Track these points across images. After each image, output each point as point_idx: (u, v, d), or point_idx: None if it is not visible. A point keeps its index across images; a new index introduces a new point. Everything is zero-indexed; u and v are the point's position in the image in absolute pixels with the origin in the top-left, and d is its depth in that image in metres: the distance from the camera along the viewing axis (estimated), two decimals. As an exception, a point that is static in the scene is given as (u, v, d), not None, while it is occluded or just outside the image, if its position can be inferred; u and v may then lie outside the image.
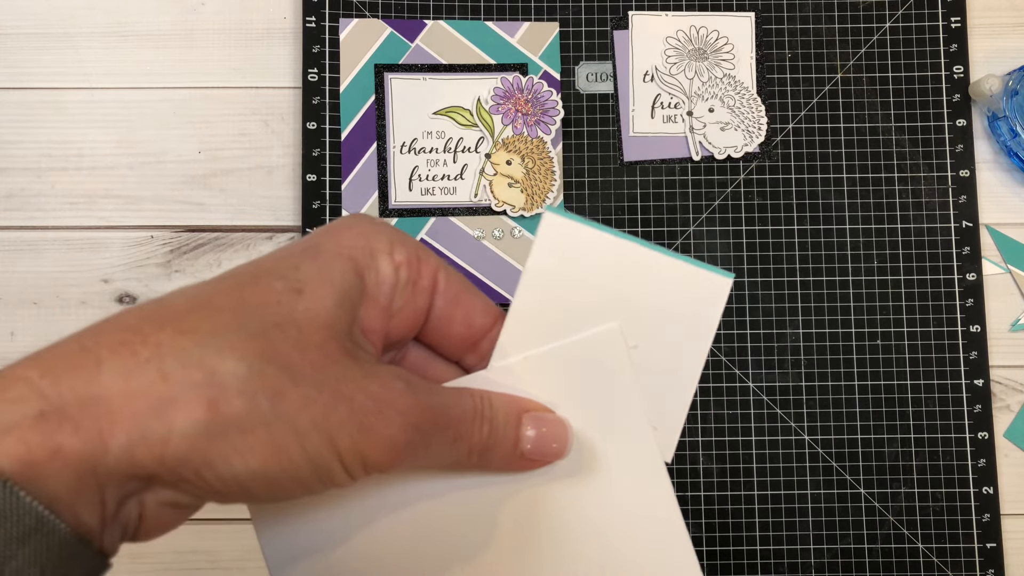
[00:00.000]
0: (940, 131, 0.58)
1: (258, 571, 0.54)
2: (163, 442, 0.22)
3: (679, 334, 0.29)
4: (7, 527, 0.20)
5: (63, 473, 0.21)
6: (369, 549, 0.29)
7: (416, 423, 0.25)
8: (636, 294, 0.29)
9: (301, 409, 0.23)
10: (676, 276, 0.29)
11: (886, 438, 0.56)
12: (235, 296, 0.24)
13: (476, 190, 0.57)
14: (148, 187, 0.57)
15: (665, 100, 0.58)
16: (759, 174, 0.58)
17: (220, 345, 0.23)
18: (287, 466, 0.23)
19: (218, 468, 0.23)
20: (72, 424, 0.21)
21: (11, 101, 0.57)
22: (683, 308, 0.29)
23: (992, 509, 0.55)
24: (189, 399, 0.22)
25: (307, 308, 0.25)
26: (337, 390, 0.24)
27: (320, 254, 0.26)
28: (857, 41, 0.59)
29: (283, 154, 0.58)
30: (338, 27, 0.58)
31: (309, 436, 0.23)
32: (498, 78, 0.58)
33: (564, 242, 0.29)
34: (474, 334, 0.30)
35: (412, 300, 0.28)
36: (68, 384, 0.22)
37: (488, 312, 0.30)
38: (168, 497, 0.24)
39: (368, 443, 0.24)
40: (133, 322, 0.23)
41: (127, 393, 0.22)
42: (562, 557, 0.29)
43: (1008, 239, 0.58)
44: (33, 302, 0.56)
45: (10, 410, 0.21)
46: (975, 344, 0.56)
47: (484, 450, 0.28)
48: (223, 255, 0.56)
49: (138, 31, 0.58)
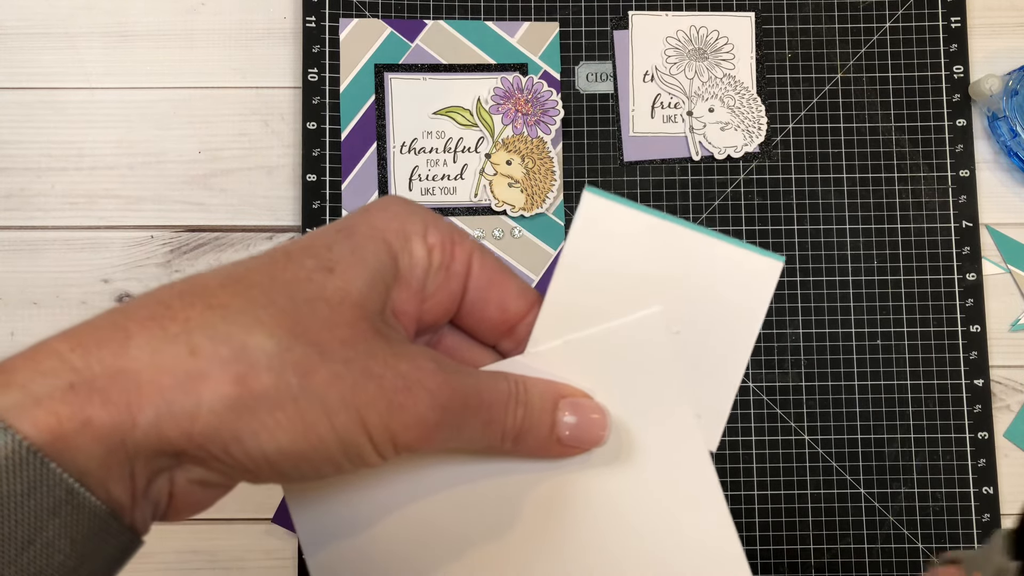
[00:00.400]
0: (940, 131, 0.58)
1: (258, 571, 0.54)
2: (191, 417, 0.22)
3: (725, 319, 0.28)
4: (38, 498, 0.21)
5: (92, 446, 0.21)
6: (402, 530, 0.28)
7: (445, 403, 0.25)
8: (679, 277, 0.28)
9: (330, 386, 0.23)
10: (723, 259, 0.28)
11: (886, 438, 0.56)
12: (266, 273, 0.24)
13: (476, 190, 0.57)
14: (148, 187, 0.57)
15: (665, 100, 0.58)
16: (759, 174, 0.58)
17: (249, 321, 0.23)
18: (316, 443, 0.23)
19: (247, 444, 0.22)
20: (101, 397, 0.21)
21: (11, 101, 0.57)
22: (730, 292, 0.28)
23: (992, 509, 0.55)
24: (217, 374, 0.22)
25: (338, 287, 0.24)
26: (366, 368, 0.24)
27: (353, 235, 0.26)
28: (857, 41, 0.59)
29: (283, 154, 0.58)
30: (338, 27, 0.58)
31: (338, 413, 0.23)
32: (498, 78, 0.58)
33: (604, 223, 0.28)
34: (510, 318, 0.29)
35: (446, 283, 0.28)
36: (97, 357, 0.22)
37: (524, 296, 0.29)
38: (198, 475, 0.23)
39: (397, 421, 0.24)
40: (164, 298, 0.23)
41: (155, 367, 0.22)
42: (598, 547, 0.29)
43: (1008, 239, 0.58)
44: (33, 302, 0.56)
45: (41, 382, 0.21)
46: (975, 344, 0.56)
47: (518, 435, 0.27)
48: (223, 255, 0.56)
49: (138, 31, 0.58)
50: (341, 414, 0.23)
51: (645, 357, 0.28)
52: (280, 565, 0.54)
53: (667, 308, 0.28)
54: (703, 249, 0.28)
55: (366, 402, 0.23)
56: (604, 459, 0.29)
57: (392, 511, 0.28)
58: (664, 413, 0.28)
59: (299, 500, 0.28)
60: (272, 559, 0.54)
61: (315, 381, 0.23)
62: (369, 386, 0.23)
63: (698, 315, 0.28)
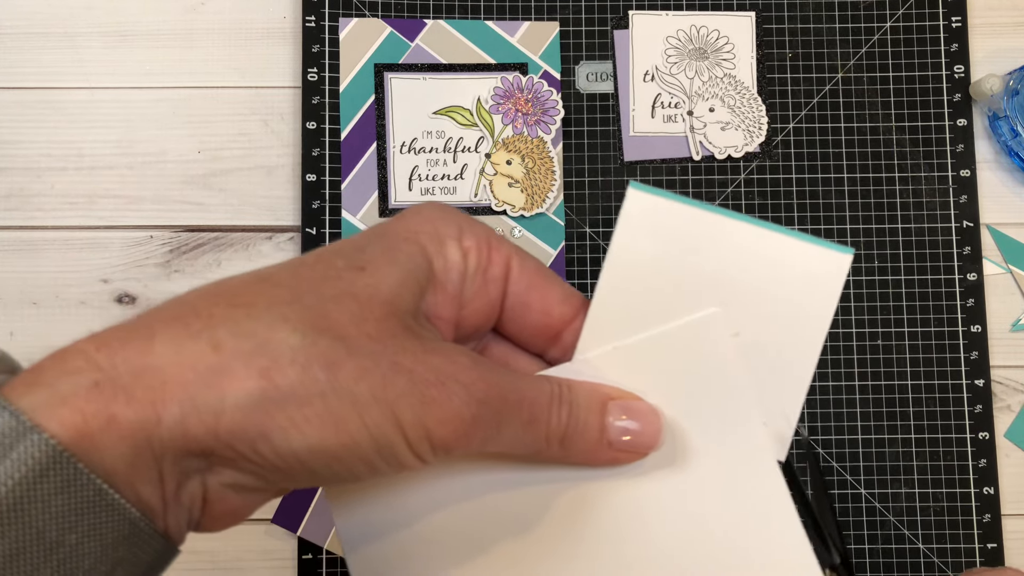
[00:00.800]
0: (940, 131, 0.58)
1: (258, 571, 0.54)
2: (216, 413, 0.21)
3: (789, 318, 0.26)
4: (66, 499, 0.20)
5: (119, 445, 0.21)
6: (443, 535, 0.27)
7: (482, 397, 0.24)
8: (737, 275, 0.26)
9: (358, 380, 0.22)
10: (784, 253, 0.26)
11: (886, 438, 0.56)
12: (294, 273, 0.24)
13: (476, 190, 0.57)
14: (148, 187, 0.57)
15: (665, 100, 0.58)
16: (759, 174, 0.58)
17: (273, 317, 0.22)
18: (347, 441, 0.22)
19: (275, 442, 0.22)
20: (126, 394, 0.21)
21: (11, 101, 0.57)
22: (794, 289, 0.26)
23: (993, 509, 0.55)
24: (241, 369, 0.21)
25: (367, 283, 0.24)
26: (395, 362, 0.23)
27: (386, 237, 0.26)
28: (857, 41, 0.59)
29: (283, 154, 0.58)
30: (338, 27, 0.58)
31: (369, 408, 0.22)
32: (498, 78, 0.57)
33: (651, 220, 0.26)
34: (554, 324, 0.28)
35: (483, 288, 0.27)
36: (122, 356, 0.21)
37: (569, 301, 0.28)
38: (230, 478, 0.23)
39: (432, 417, 0.23)
40: (190, 299, 0.23)
41: (178, 363, 0.21)
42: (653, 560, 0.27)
43: (1008, 239, 0.57)
44: (32, 302, 0.56)
45: (66, 381, 0.21)
46: (976, 344, 0.56)
47: (564, 437, 0.26)
48: (223, 255, 0.56)
49: (138, 31, 0.58)
50: (372, 409, 0.22)
51: (703, 362, 0.26)
52: (280, 565, 0.54)
53: (725, 308, 0.26)
54: (761, 243, 0.26)
55: (397, 396, 0.22)
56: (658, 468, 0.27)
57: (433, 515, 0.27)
58: (726, 421, 0.27)
59: (339, 500, 0.28)
60: (272, 559, 0.54)
61: (342, 375, 0.22)
62: (399, 380, 0.23)
63: (759, 315, 0.26)
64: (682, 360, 0.27)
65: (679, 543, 0.27)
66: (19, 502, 0.20)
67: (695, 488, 0.27)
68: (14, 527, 0.20)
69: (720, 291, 0.26)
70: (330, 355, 0.22)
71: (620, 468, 0.27)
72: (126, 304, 0.56)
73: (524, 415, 0.25)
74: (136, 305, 0.56)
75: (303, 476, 0.23)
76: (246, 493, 0.24)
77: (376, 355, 0.23)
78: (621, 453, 0.27)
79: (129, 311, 0.56)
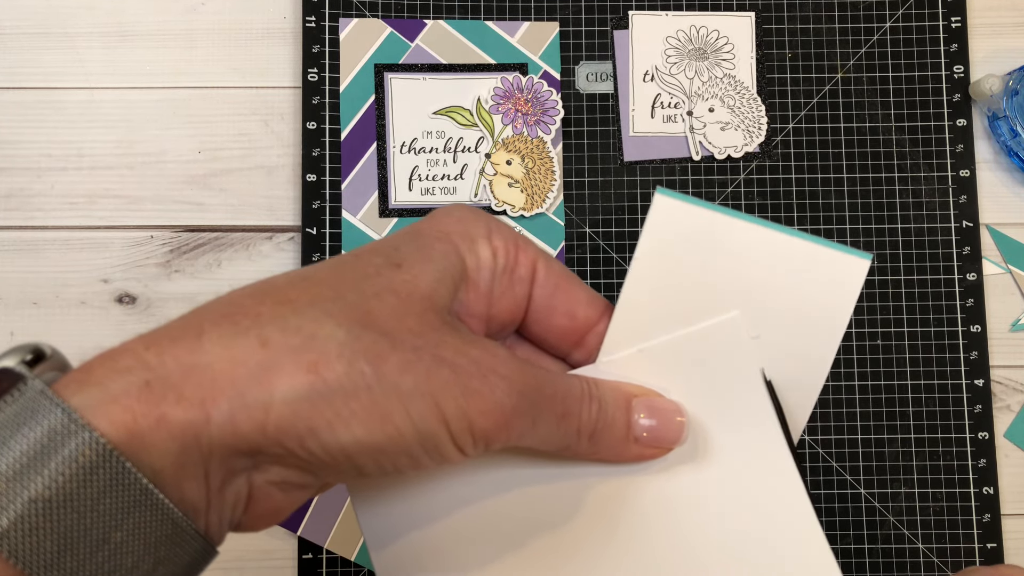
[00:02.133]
0: (940, 131, 0.58)
1: (258, 571, 0.54)
2: (265, 408, 0.22)
3: (807, 322, 0.27)
4: (113, 497, 0.21)
5: (167, 443, 0.21)
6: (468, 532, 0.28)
7: (522, 389, 0.24)
8: (757, 279, 0.27)
9: (403, 373, 0.23)
10: (804, 258, 0.27)
11: (886, 438, 0.56)
12: (334, 271, 0.25)
13: (476, 190, 0.57)
14: (148, 187, 0.57)
15: (665, 100, 0.58)
16: (759, 174, 0.58)
17: (318, 313, 0.23)
18: (392, 433, 0.22)
19: (322, 436, 0.22)
20: (176, 393, 0.21)
21: (11, 101, 0.57)
22: (812, 293, 0.27)
23: (992, 509, 0.55)
24: (289, 364, 0.22)
25: (405, 280, 0.25)
26: (437, 355, 0.23)
27: (420, 236, 0.26)
28: (857, 41, 0.59)
29: (283, 154, 0.58)
30: (338, 27, 0.58)
31: (413, 400, 0.22)
32: (498, 78, 0.57)
33: (676, 225, 0.27)
34: (578, 327, 0.28)
35: (510, 288, 0.27)
36: (172, 354, 0.22)
37: (593, 304, 0.28)
38: (276, 475, 0.23)
39: (474, 407, 0.23)
40: (235, 298, 0.24)
41: (228, 360, 0.22)
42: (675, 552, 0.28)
43: (1008, 239, 0.58)
44: (33, 302, 0.56)
45: (117, 380, 0.21)
46: (975, 344, 0.56)
47: (594, 432, 0.26)
48: (223, 255, 0.56)
49: (138, 31, 0.58)
50: (417, 401, 0.23)
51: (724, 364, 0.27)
52: (280, 565, 0.54)
53: (746, 311, 0.27)
54: (782, 248, 0.27)
55: (440, 388, 0.23)
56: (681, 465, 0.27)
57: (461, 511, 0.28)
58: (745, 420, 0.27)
59: (363, 497, 0.28)
60: (272, 559, 0.54)
61: (387, 368, 0.22)
62: (443, 372, 0.23)
63: (779, 318, 0.27)
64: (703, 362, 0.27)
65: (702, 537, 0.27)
66: (69, 499, 0.20)
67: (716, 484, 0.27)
68: (63, 523, 0.20)
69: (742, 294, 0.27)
70: (375, 349, 0.23)
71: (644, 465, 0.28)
72: (126, 304, 0.56)
73: (558, 409, 0.26)
74: (136, 305, 0.56)
75: (348, 471, 0.23)
76: (291, 490, 0.24)
77: (418, 349, 0.23)
78: (647, 449, 0.27)
79: (129, 311, 0.56)
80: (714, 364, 0.27)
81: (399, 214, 0.56)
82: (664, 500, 0.28)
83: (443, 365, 0.23)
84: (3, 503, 0.20)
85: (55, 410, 0.20)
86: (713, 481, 0.28)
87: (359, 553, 0.53)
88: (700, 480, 0.28)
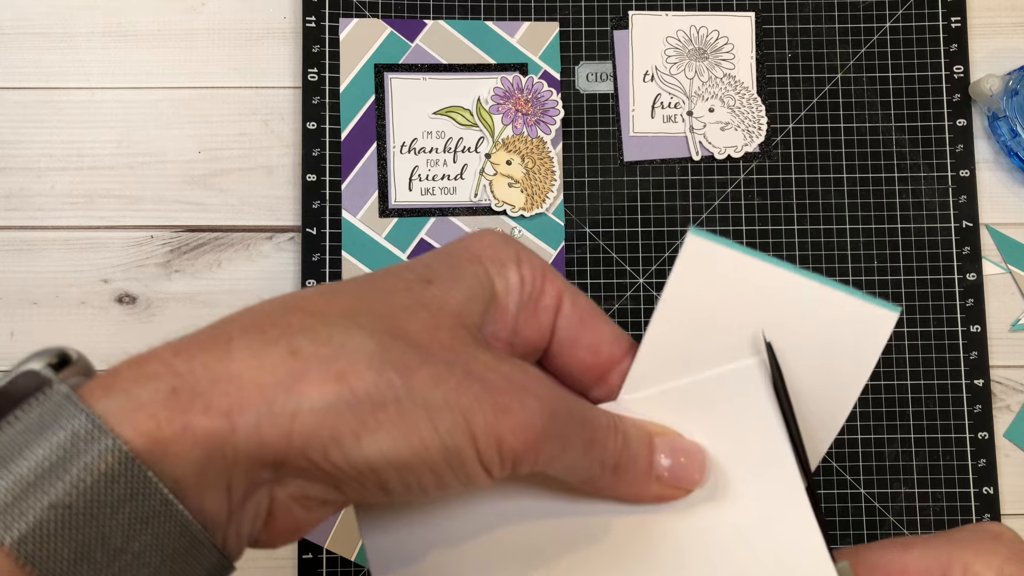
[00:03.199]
0: (940, 131, 0.58)
1: (258, 571, 0.54)
2: (291, 417, 0.21)
3: (830, 369, 0.27)
4: (133, 507, 0.20)
5: (191, 452, 0.21)
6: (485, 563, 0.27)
7: (554, 410, 0.24)
8: (785, 324, 0.27)
9: (433, 386, 0.22)
10: (833, 306, 0.27)
11: (886, 438, 0.56)
12: (366, 285, 0.25)
13: (476, 190, 0.57)
14: (148, 187, 0.57)
15: (665, 100, 0.58)
16: (759, 174, 0.58)
17: (348, 324, 0.23)
18: (418, 447, 0.22)
19: (347, 447, 0.22)
20: (203, 402, 0.21)
21: (11, 101, 0.57)
22: (837, 342, 0.27)
23: (992, 509, 0.55)
24: (318, 373, 0.22)
25: (436, 295, 0.24)
26: (469, 370, 0.23)
27: (452, 256, 0.26)
28: (857, 41, 0.59)
29: (283, 154, 0.58)
30: (338, 27, 0.58)
31: (442, 414, 0.22)
32: (498, 78, 0.58)
33: (707, 266, 0.27)
34: (601, 363, 0.28)
35: (535, 316, 0.27)
36: (201, 361, 0.21)
37: (618, 342, 0.28)
38: (299, 488, 0.23)
39: (504, 425, 0.23)
40: (265, 308, 0.23)
41: (257, 368, 0.21)
42: None
43: (1008, 239, 0.58)
44: (33, 302, 0.56)
45: (144, 386, 0.21)
46: (975, 344, 0.56)
47: (617, 465, 0.26)
48: (223, 255, 0.56)
49: (138, 31, 0.58)
50: (445, 416, 0.22)
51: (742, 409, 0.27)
52: (280, 565, 0.54)
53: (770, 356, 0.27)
54: (812, 295, 0.27)
55: (471, 403, 0.22)
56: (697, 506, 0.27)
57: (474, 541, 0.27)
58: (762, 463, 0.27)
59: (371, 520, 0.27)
60: (272, 559, 0.54)
61: (417, 381, 0.22)
62: (474, 387, 0.23)
63: (802, 364, 0.27)
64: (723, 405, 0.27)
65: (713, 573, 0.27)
66: (88, 506, 0.20)
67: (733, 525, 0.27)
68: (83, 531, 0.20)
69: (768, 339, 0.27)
70: (405, 361, 0.22)
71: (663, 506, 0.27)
72: (126, 304, 0.56)
73: (587, 435, 0.25)
74: (136, 305, 0.56)
75: (372, 486, 0.23)
76: (312, 506, 0.23)
77: (449, 363, 0.23)
78: (667, 488, 0.27)
79: (129, 311, 0.56)
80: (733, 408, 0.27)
81: (399, 214, 0.56)
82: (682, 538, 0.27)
83: (474, 380, 0.23)
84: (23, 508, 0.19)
85: (79, 415, 0.20)
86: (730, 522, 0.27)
87: (359, 553, 0.53)
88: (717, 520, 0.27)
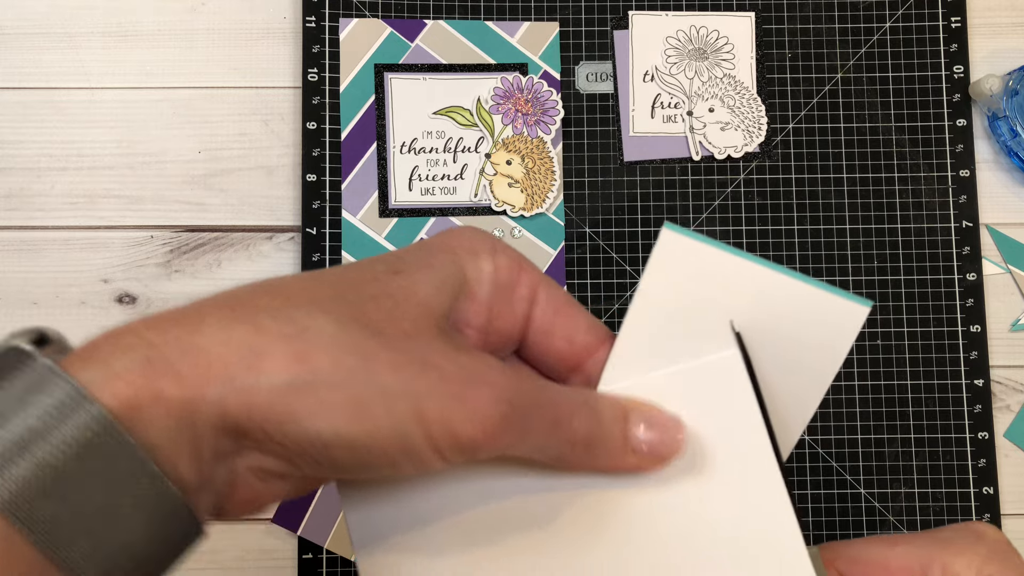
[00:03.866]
0: (940, 131, 0.58)
1: (258, 571, 0.54)
2: (251, 391, 0.22)
3: (802, 361, 0.28)
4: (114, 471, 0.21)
5: (164, 419, 0.22)
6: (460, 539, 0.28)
7: (511, 398, 0.24)
8: (758, 318, 0.27)
9: (389, 371, 0.23)
10: (804, 300, 0.27)
11: (886, 438, 0.56)
12: (336, 274, 0.26)
13: (476, 190, 0.57)
14: (148, 187, 0.57)
15: (665, 100, 0.58)
16: (759, 174, 0.58)
17: (314, 308, 0.24)
18: (371, 430, 0.23)
19: (303, 424, 0.22)
20: (174, 372, 0.22)
21: (11, 101, 0.57)
22: (809, 335, 0.27)
23: (992, 509, 0.55)
24: (279, 351, 0.23)
25: (403, 285, 0.25)
26: (427, 359, 0.24)
27: (424, 248, 0.27)
28: (857, 41, 0.59)
29: (283, 154, 0.58)
30: (338, 27, 0.58)
31: (395, 400, 0.23)
32: (498, 78, 0.58)
33: (681, 261, 0.27)
34: (577, 352, 0.28)
35: (510, 305, 0.28)
36: (174, 334, 0.22)
37: (593, 331, 0.28)
38: (255, 461, 0.24)
39: (458, 415, 0.23)
40: (237, 291, 0.24)
41: (224, 343, 0.22)
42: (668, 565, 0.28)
43: (1008, 239, 0.58)
44: (33, 302, 0.56)
45: (120, 356, 0.22)
46: (975, 344, 0.56)
47: (589, 443, 0.26)
48: (223, 255, 0.56)
49: (138, 31, 0.58)
50: (399, 401, 0.23)
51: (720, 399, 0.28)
52: (280, 565, 0.54)
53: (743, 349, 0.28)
54: (784, 290, 0.27)
55: (426, 390, 0.23)
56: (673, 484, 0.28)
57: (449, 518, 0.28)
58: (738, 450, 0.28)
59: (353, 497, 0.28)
60: (272, 559, 0.54)
61: (375, 366, 0.23)
62: (430, 375, 0.23)
63: (775, 357, 0.28)
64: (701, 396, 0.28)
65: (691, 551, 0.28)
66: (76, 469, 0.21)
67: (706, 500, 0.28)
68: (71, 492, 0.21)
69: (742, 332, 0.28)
70: (364, 346, 0.23)
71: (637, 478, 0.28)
72: (126, 304, 0.56)
73: (549, 416, 0.26)
74: (136, 305, 0.56)
75: (326, 463, 0.23)
76: (269, 479, 0.24)
77: (409, 351, 0.24)
78: (644, 459, 0.28)
79: (129, 311, 0.56)
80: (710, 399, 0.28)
81: (399, 214, 0.56)
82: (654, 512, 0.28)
83: (431, 369, 0.23)
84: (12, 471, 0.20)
85: (64, 384, 0.21)
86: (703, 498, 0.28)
87: (359, 553, 0.53)
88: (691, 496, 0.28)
